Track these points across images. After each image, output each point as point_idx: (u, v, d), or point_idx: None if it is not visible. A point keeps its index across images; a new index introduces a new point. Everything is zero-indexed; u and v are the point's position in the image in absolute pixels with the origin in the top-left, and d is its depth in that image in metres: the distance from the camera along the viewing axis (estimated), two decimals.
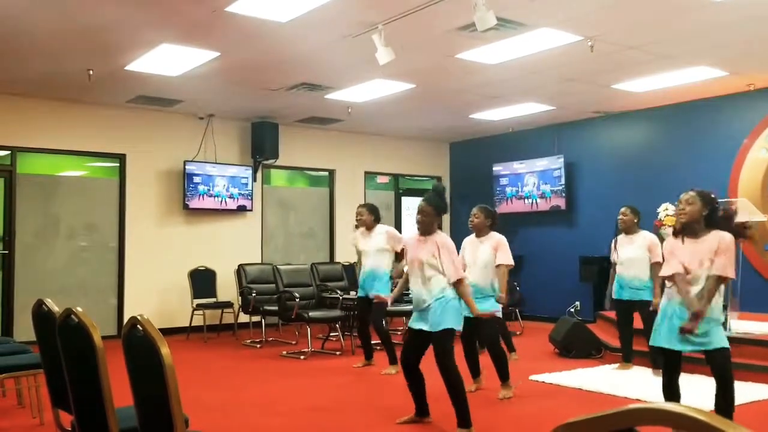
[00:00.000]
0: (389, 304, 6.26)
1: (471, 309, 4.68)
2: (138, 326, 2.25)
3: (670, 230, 4.42)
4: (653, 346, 6.10)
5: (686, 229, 4.04)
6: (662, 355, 4.21)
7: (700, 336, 3.93)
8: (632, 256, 6.38)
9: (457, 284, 4.44)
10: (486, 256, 5.51)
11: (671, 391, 4.15)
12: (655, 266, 6.15)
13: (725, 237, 3.93)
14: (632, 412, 0.94)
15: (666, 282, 4.17)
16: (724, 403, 3.97)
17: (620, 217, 6.53)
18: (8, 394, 5.41)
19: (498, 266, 5.48)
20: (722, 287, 4.00)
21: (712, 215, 4.01)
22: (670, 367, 4.15)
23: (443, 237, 4.52)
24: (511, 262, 5.54)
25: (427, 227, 4.53)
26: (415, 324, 4.55)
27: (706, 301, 3.87)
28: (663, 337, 4.07)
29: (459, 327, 4.51)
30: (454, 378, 4.37)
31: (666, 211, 8.38)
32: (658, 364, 6.18)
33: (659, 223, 8.25)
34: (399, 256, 6.59)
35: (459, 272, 4.45)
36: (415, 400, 4.71)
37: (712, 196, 4.07)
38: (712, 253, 3.90)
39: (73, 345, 2.69)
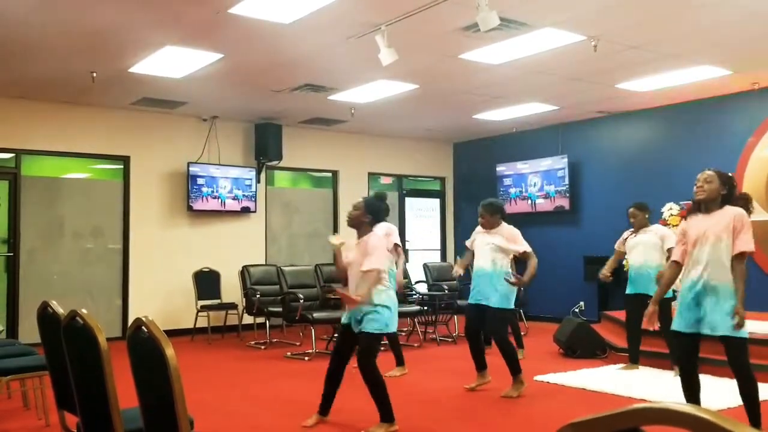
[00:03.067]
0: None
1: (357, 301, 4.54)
2: (143, 328, 2.26)
3: (674, 229, 4.40)
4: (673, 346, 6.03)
5: (702, 207, 4.03)
6: (676, 340, 4.13)
7: (714, 319, 3.87)
8: (643, 240, 6.35)
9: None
10: (497, 243, 5.58)
11: (689, 384, 4.05)
12: (669, 252, 6.15)
13: (740, 212, 3.91)
14: (637, 411, 0.93)
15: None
16: (746, 400, 3.91)
17: (631, 219, 6.49)
18: (14, 396, 5.42)
19: (524, 254, 5.60)
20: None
21: (729, 195, 3.99)
22: (683, 351, 4.07)
23: (371, 235, 4.63)
24: (529, 248, 5.66)
25: (356, 223, 4.66)
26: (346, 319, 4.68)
27: (741, 282, 3.86)
28: (675, 320, 4.04)
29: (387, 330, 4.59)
30: (373, 377, 4.45)
31: (670, 210, 8.38)
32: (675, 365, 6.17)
33: (663, 223, 8.24)
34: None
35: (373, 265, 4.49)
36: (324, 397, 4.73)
37: (730, 175, 4.05)
38: (723, 228, 3.88)
39: (78, 347, 2.69)
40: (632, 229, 6.56)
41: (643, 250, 6.36)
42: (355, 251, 4.66)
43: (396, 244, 6.70)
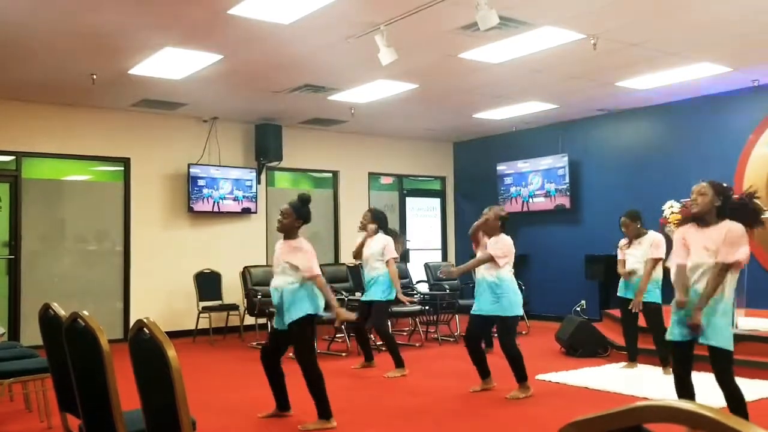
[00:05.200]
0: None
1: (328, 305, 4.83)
2: (144, 329, 2.26)
3: (675, 228, 4.37)
4: (660, 345, 6.11)
5: (698, 220, 3.99)
6: (672, 348, 4.14)
7: (705, 330, 3.87)
8: (638, 252, 6.34)
9: (313, 280, 4.68)
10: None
11: (682, 387, 4.06)
12: (649, 261, 6.18)
13: (734, 227, 3.86)
14: (640, 409, 0.93)
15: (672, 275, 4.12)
16: (733, 404, 3.91)
17: (623, 229, 6.45)
18: (16, 399, 5.42)
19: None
20: (735, 283, 3.93)
21: (725, 205, 3.94)
22: (677, 359, 4.08)
23: (301, 242, 4.78)
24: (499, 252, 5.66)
25: (287, 229, 4.80)
26: (276, 325, 4.87)
27: (710, 290, 3.80)
28: (669, 330, 4.04)
29: (314, 311, 4.71)
30: (312, 374, 4.67)
31: (671, 208, 8.37)
32: (666, 363, 6.16)
33: (664, 221, 8.24)
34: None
35: (313, 270, 4.67)
36: (276, 395, 4.97)
37: (725, 185, 4.00)
38: (718, 244, 3.84)
39: (79, 349, 2.70)
40: (626, 240, 6.51)
41: (639, 261, 6.34)
42: (282, 248, 4.81)
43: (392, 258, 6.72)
